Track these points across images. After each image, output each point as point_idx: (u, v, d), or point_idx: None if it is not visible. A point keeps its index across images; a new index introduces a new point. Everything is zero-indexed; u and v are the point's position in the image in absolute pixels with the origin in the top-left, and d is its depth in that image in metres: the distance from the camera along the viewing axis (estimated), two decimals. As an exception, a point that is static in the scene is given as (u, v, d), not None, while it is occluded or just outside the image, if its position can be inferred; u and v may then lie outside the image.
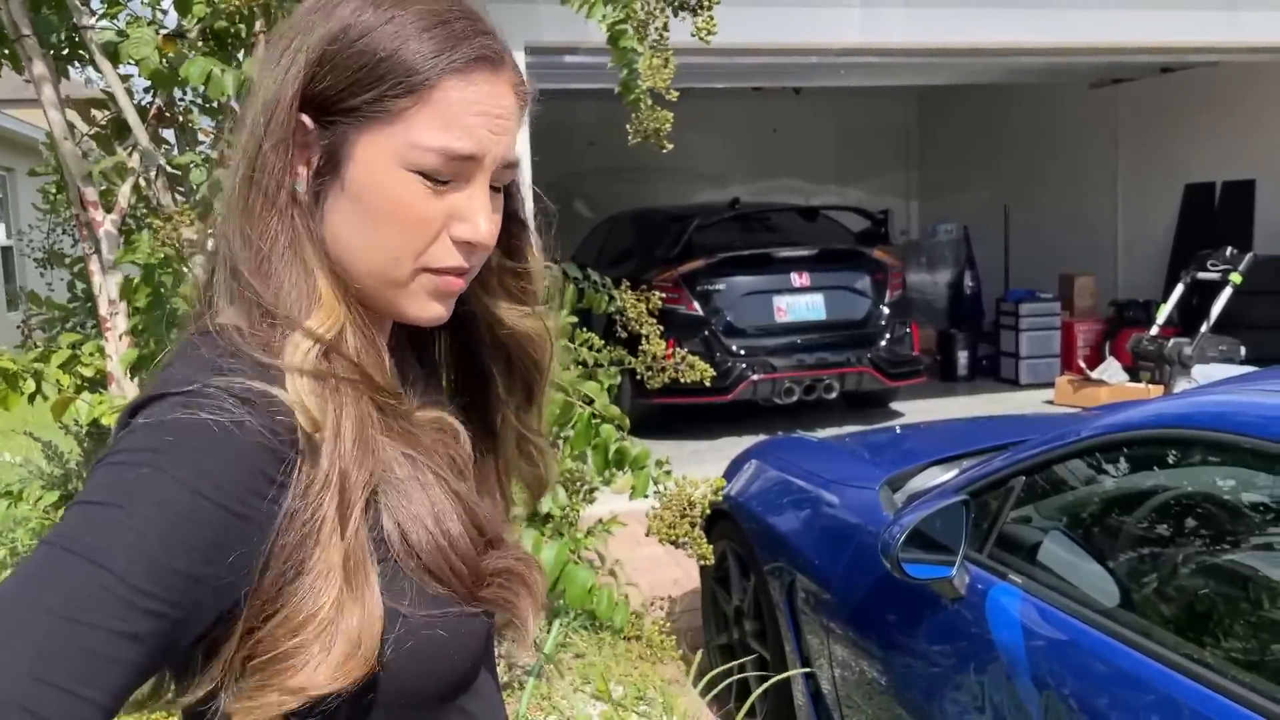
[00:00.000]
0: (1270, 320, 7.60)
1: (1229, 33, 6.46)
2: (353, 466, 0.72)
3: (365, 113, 0.74)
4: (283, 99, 0.75)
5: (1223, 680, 1.50)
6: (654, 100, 2.28)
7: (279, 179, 0.75)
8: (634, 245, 7.78)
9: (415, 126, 0.74)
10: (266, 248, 0.75)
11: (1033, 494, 2.09)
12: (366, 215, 0.75)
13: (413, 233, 0.75)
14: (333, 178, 0.75)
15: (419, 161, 0.74)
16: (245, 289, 0.75)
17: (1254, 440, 1.64)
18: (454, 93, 0.74)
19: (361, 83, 0.74)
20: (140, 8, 2.27)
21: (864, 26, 5.85)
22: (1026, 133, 10.75)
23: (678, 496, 1.87)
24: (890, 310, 7.18)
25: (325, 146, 0.75)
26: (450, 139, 0.74)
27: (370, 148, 0.74)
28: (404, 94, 0.73)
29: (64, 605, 0.60)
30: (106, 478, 0.66)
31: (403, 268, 0.76)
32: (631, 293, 2.68)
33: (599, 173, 10.30)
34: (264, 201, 0.75)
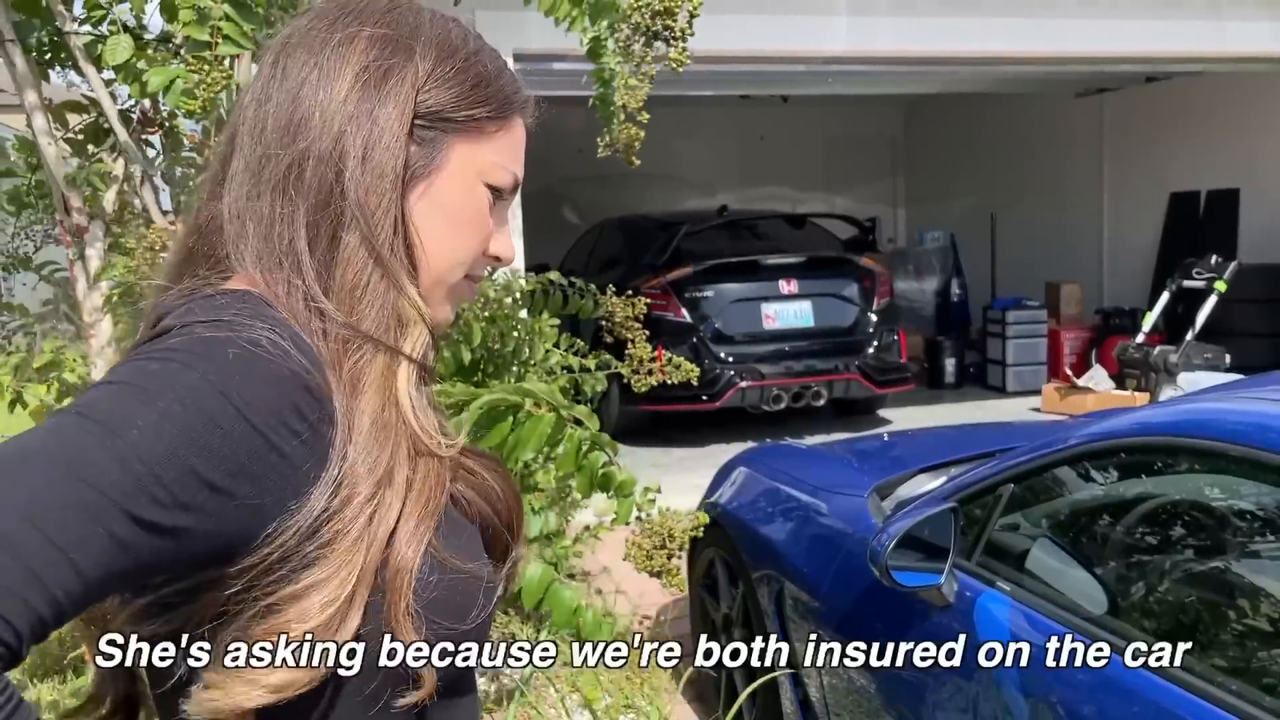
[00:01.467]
0: (1255, 328, 7.64)
1: (1212, 43, 6.51)
2: (410, 524, 0.72)
3: (465, 125, 0.79)
4: (401, 92, 0.77)
5: (1210, 687, 1.50)
6: (626, 116, 2.29)
7: (395, 173, 0.76)
8: (622, 252, 7.79)
9: (499, 147, 0.81)
10: (369, 238, 0.75)
11: (1021, 501, 2.09)
12: (450, 220, 0.80)
13: (479, 240, 0.82)
14: (422, 180, 0.78)
15: (498, 179, 0.81)
16: (321, 268, 0.75)
17: (1239, 448, 1.64)
18: (518, 129, 0.84)
19: (470, 99, 0.80)
20: (123, 13, 2.25)
21: (850, 35, 5.87)
22: (1013, 141, 10.80)
23: (659, 526, 1.86)
24: (878, 317, 7.19)
25: (421, 151, 0.78)
26: (516, 165, 0.84)
27: (464, 159, 0.80)
28: (497, 116, 0.81)
29: (71, 462, 0.58)
30: (131, 368, 0.64)
31: (459, 271, 0.82)
32: (617, 298, 2.68)
33: (587, 180, 10.30)
34: (376, 194, 0.76)
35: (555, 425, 1.53)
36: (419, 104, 0.78)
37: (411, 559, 0.71)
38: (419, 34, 0.80)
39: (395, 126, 0.77)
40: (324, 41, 0.79)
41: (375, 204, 0.76)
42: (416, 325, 0.77)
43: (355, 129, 0.76)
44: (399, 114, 0.77)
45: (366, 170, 0.76)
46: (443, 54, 0.80)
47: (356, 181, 0.75)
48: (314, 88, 0.77)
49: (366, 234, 0.75)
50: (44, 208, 2.77)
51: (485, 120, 0.80)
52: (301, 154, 0.76)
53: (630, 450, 6.71)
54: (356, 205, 0.75)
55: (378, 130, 0.76)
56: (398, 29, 0.79)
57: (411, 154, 0.78)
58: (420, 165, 0.78)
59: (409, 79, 0.78)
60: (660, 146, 2.36)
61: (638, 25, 2.28)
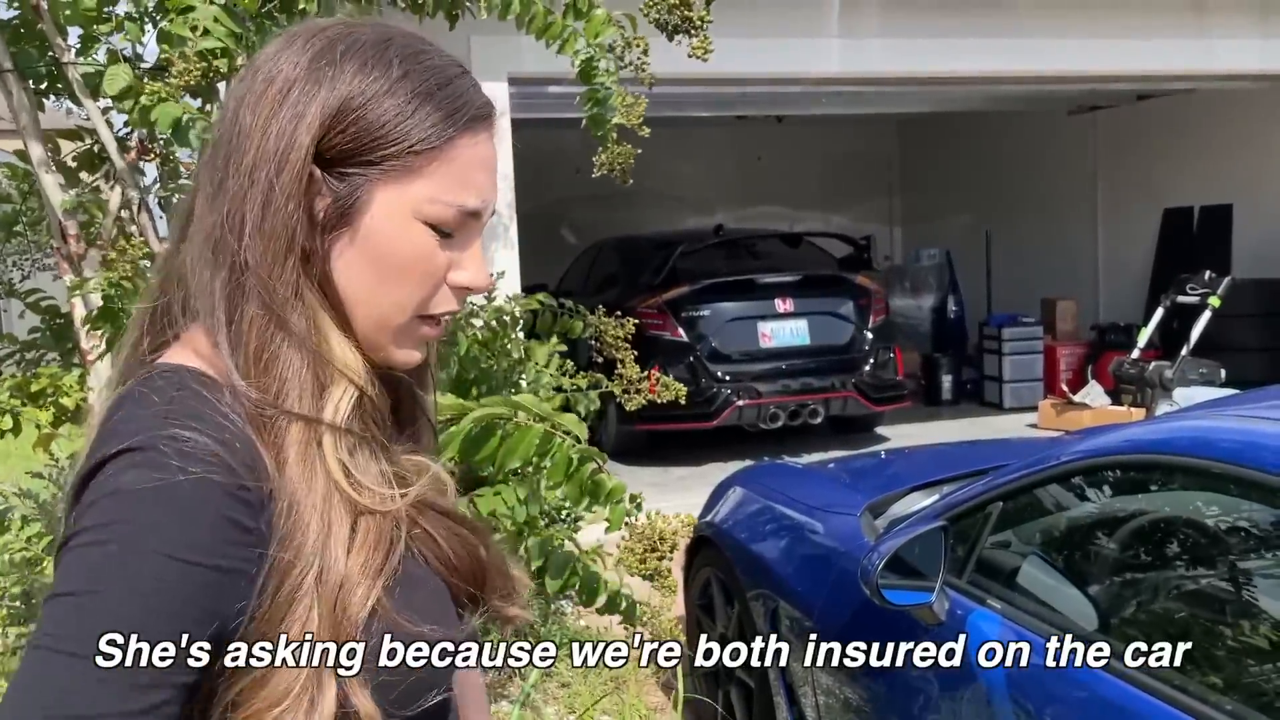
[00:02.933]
0: (1250, 343, 7.67)
1: (1202, 61, 6.56)
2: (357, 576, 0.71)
3: (384, 166, 0.74)
4: (294, 152, 0.73)
5: (1200, 705, 1.50)
6: (622, 135, 2.32)
7: (289, 237, 0.73)
8: (619, 272, 7.82)
9: (433, 182, 0.75)
10: (283, 289, 0.73)
11: (1011, 519, 2.10)
12: (378, 266, 0.75)
13: (422, 283, 0.77)
14: (342, 229, 0.75)
15: (436, 216, 0.75)
16: (234, 340, 0.73)
17: (1228, 466, 1.66)
18: (465, 151, 0.76)
19: (383, 140, 0.74)
20: (120, 41, 2.28)
21: (843, 57, 5.92)
22: (1007, 159, 10.86)
23: (649, 530, 1.88)
24: (874, 335, 7.21)
25: (336, 199, 0.74)
26: (465, 196, 0.76)
27: (388, 201, 0.75)
28: (424, 151, 0.75)
29: (61, 705, 0.60)
30: (75, 564, 0.64)
31: (404, 316, 0.77)
32: (607, 319, 2.70)
33: (584, 200, 10.34)
34: (269, 261, 0.73)
35: (543, 437, 1.55)
36: (323, 149, 0.74)
37: (356, 621, 0.70)
38: (331, 67, 0.75)
39: (289, 184, 0.73)
40: (251, 83, 0.76)
41: (269, 271, 0.73)
42: (338, 385, 0.74)
43: (254, 189, 0.73)
44: (293, 169, 0.73)
45: (261, 234, 0.73)
46: (352, 89, 0.74)
47: (252, 249, 0.73)
48: (236, 139, 0.75)
49: (266, 301, 0.73)
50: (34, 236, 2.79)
51: (408, 155, 0.75)
52: (219, 218, 0.74)
53: (628, 470, 6.73)
54: (255, 274, 0.73)
55: (273, 190, 0.73)
56: (315, 62, 0.75)
57: (322, 206, 0.74)
58: (336, 215, 0.75)
59: (309, 124, 0.73)
60: (657, 167, 2.39)
61: (657, 21, 2.30)
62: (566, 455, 1.58)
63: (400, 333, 0.78)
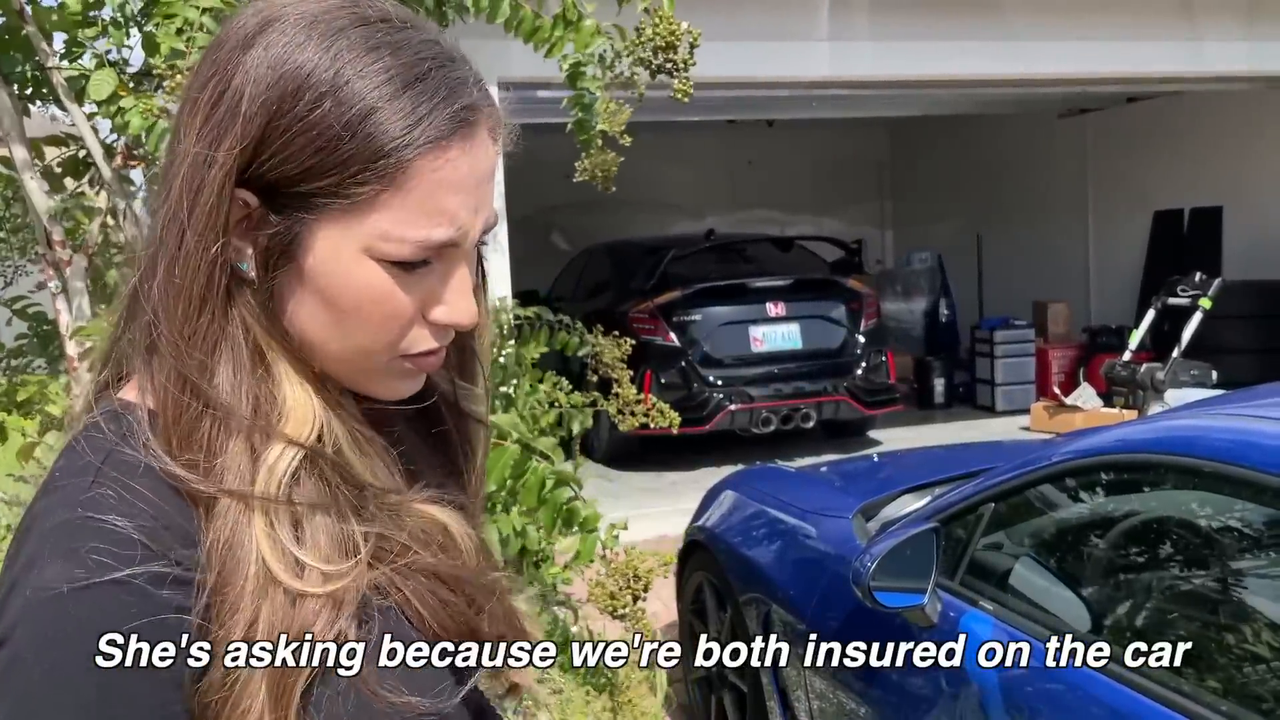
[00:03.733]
0: (1241, 344, 7.69)
1: (1190, 63, 6.58)
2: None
3: (322, 198, 0.62)
4: (210, 180, 0.62)
5: (1193, 705, 1.50)
6: (607, 143, 2.31)
7: (202, 287, 0.63)
8: (610, 277, 7.81)
9: (386, 215, 0.63)
10: (200, 344, 0.64)
11: (1003, 520, 2.09)
12: (331, 309, 0.65)
13: (386, 325, 0.66)
14: (287, 265, 0.64)
15: (391, 253, 0.64)
16: (170, 380, 0.64)
17: (1220, 465, 1.65)
18: (430, 172, 0.63)
19: (318, 168, 0.62)
20: (104, 46, 2.27)
21: (833, 60, 5.92)
22: (997, 162, 10.88)
23: (624, 568, 1.84)
24: (866, 339, 7.21)
25: (274, 232, 0.64)
26: (429, 228, 0.64)
27: (330, 239, 0.63)
28: (372, 179, 0.62)
29: None
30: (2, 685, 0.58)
31: (376, 359, 0.68)
32: (605, 337, 2.68)
33: (575, 206, 10.33)
34: (179, 319, 0.63)
35: (519, 458, 1.52)
36: (255, 176, 0.63)
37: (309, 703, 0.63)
38: (253, 75, 0.62)
39: (200, 223, 0.62)
40: (187, 93, 0.66)
41: (179, 330, 0.63)
42: (275, 448, 0.64)
43: (169, 229, 0.64)
44: (205, 207, 0.62)
45: (170, 287, 0.64)
46: (280, 104, 0.62)
47: (162, 304, 0.64)
48: (166, 163, 0.65)
49: (177, 367, 0.63)
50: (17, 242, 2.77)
51: (352, 187, 0.62)
52: (141, 260, 0.66)
53: (620, 474, 6.71)
54: (164, 334, 0.64)
55: (184, 234, 0.63)
56: (238, 56, 0.63)
57: (264, 237, 0.64)
58: (278, 251, 0.64)
59: (228, 148, 0.62)
60: (648, 172, 2.38)
61: (641, 60, 2.30)
62: (541, 478, 1.55)
63: (378, 373, 0.69)
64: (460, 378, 0.80)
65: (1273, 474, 1.53)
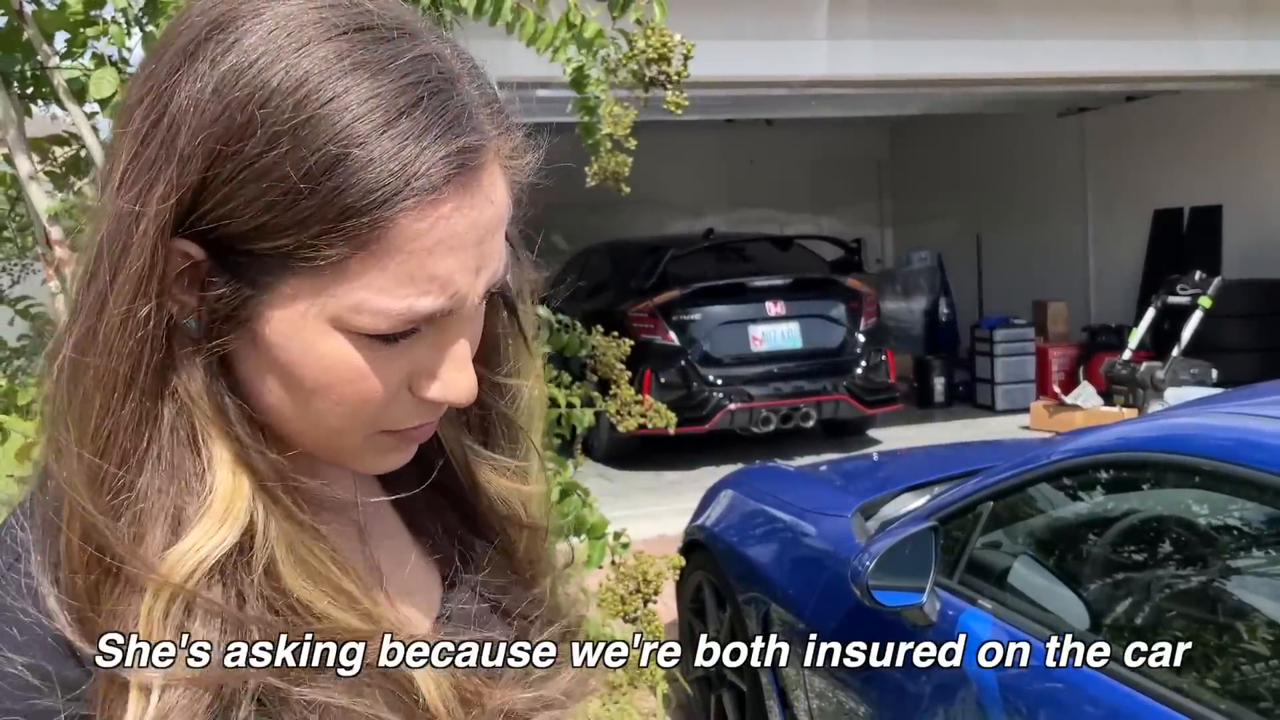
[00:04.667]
0: (1240, 343, 7.69)
1: (1189, 62, 6.59)
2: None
3: (279, 260, 0.50)
4: (139, 236, 0.50)
5: (1191, 703, 1.50)
6: (614, 145, 2.31)
7: (136, 353, 0.51)
8: (610, 277, 7.81)
9: (360, 284, 0.50)
10: (120, 441, 0.52)
11: (1002, 519, 2.10)
12: (294, 388, 0.53)
13: (359, 405, 0.54)
14: (238, 333, 0.52)
15: (367, 327, 0.51)
16: (78, 493, 0.52)
17: (1220, 463, 1.65)
18: (417, 232, 0.50)
19: (270, 226, 0.49)
20: (105, 45, 2.27)
21: (831, 59, 5.93)
22: (997, 162, 10.89)
23: (633, 571, 1.84)
24: (866, 338, 7.22)
25: (222, 293, 0.51)
26: (414, 298, 0.51)
27: (290, 307, 0.51)
28: (339, 242, 0.49)
29: None
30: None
31: (352, 437, 0.56)
32: (604, 337, 2.68)
33: (574, 206, 10.33)
34: (112, 386, 0.51)
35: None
36: (196, 226, 0.50)
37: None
38: (194, 101, 0.49)
39: (136, 281, 0.50)
40: (118, 119, 0.54)
41: (96, 423, 0.51)
42: (188, 538, 0.52)
43: (89, 289, 0.52)
44: (144, 259, 0.50)
45: (81, 369, 0.52)
46: (225, 142, 0.49)
47: (68, 389, 0.53)
48: (98, 206, 0.53)
49: (84, 476, 0.52)
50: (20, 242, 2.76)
51: (313, 250, 0.49)
52: (65, 321, 0.54)
53: (620, 474, 6.71)
54: (73, 433, 0.52)
55: (105, 301, 0.51)
56: (176, 78, 0.50)
57: (210, 299, 0.51)
58: (226, 312, 0.52)
59: (159, 196, 0.49)
60: (647, 171, 2.37)
61: (634, 72, 2.30)
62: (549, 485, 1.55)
63: (356, 451, 0.58)
64: (485, 445, 0.68)
65: (1272, 473, 1.53)
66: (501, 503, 0.68)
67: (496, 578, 0.68)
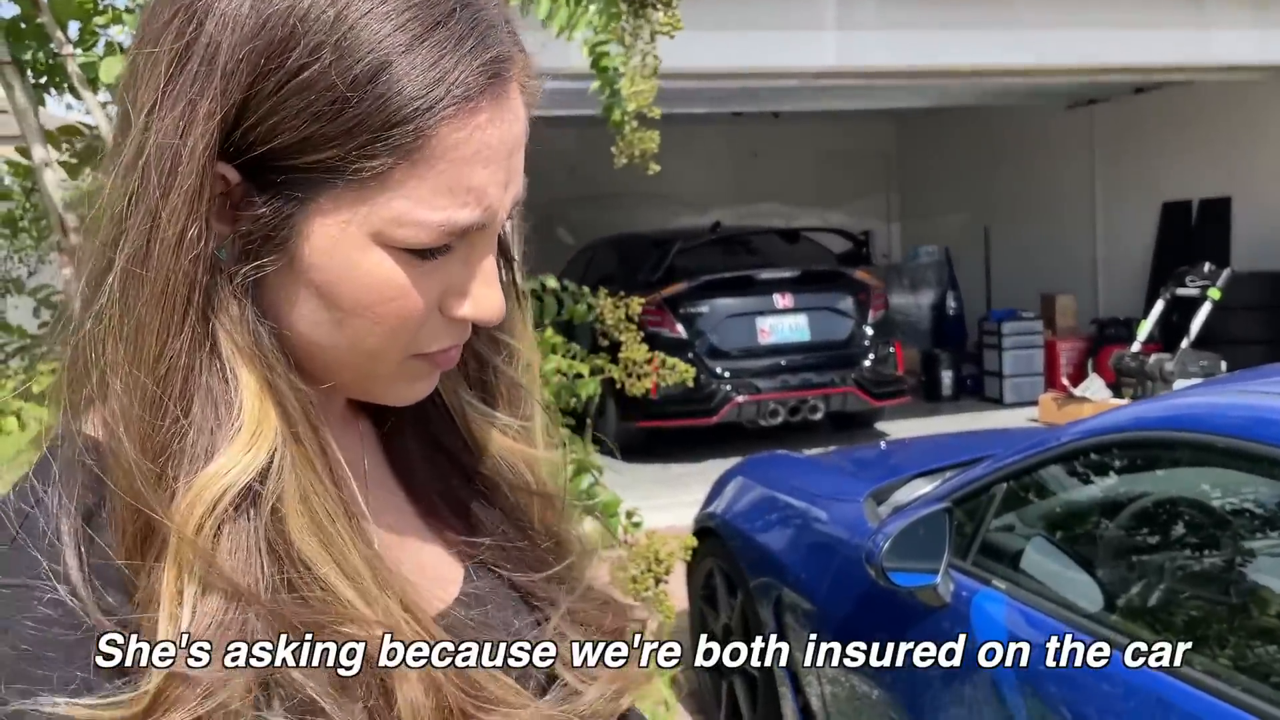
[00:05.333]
0: (1250, 335, 7.66)
1: (1200, 53, 6.57)
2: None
3: (321, 175, 0.51)
4: (188, 152, 0.49)
5: (1209, 680, 1.50)
6: (639, 121, 2.30)
7: (191, 274, 0.50)
8: (616, 270, 7.81)
9: (401, 194, 0.51)
10: (175, 368, 0.51)
11: (1015, 500, 2.10)
12: (332, 308, 0.54)
13: (399, 324, 0.55)
14: (276, 254, 0.52)
15: (407, 240, 0.52)
16: (125, 394, 0.51)
17: (1234, 441, 1.65)
18: (456, 142, 0.51)
19: (316, 138, 0.50)
20: (117, 34, 2.27)
21: (839, 50, 5.92)
22: (1005, 155, 10.86)
23: (646, 550, 1.85)
24: (873, 330, 7.21)
25: (259, 215, 0.52)
26: (453, 209, 0.52)
27: (330, 224, 0.52)
28: (384, 152, 0.50)
29: None
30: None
31: (387, 362, 0.57)
32: (606, 299, 2.68)
33: (580, 200, 10.33)
34: (172, 308, 0.50)
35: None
36: (235, 146, 0.50)
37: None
38: (230, 18, 0.49)
39: (188, 199, 0.50)
40: (141, 41, 0.52)
41: (154, 347, 0.50)
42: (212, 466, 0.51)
43: (133, 210, 0.50)
44: (194, 178, 0.50)
45: (136, 290, 0.51)
46: (268, 56, 0.49)
47: (124, 306, 0.51)
48: (120, 132, 0.53)
49: (138, 402, 0.50)
50: (38, 231, 2.77)
51: (359, 161, 0.50)
52: (91, 248, 0.53)
53: (628, 467, 6.71)
54: (126, 357, 0.51)
55: (157, 217, 0.50)
56: (200, 8, 0.50)
57: (248, 221, 0.52)
58: (262, 238, 0.52)
59: (208, 112, 0.49)
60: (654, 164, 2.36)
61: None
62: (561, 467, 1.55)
63: (389, 378, 0.58)
64: (484, 401, 0.67)
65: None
66: (507, 466, 0.67)
67: (511, 553, 0.66)
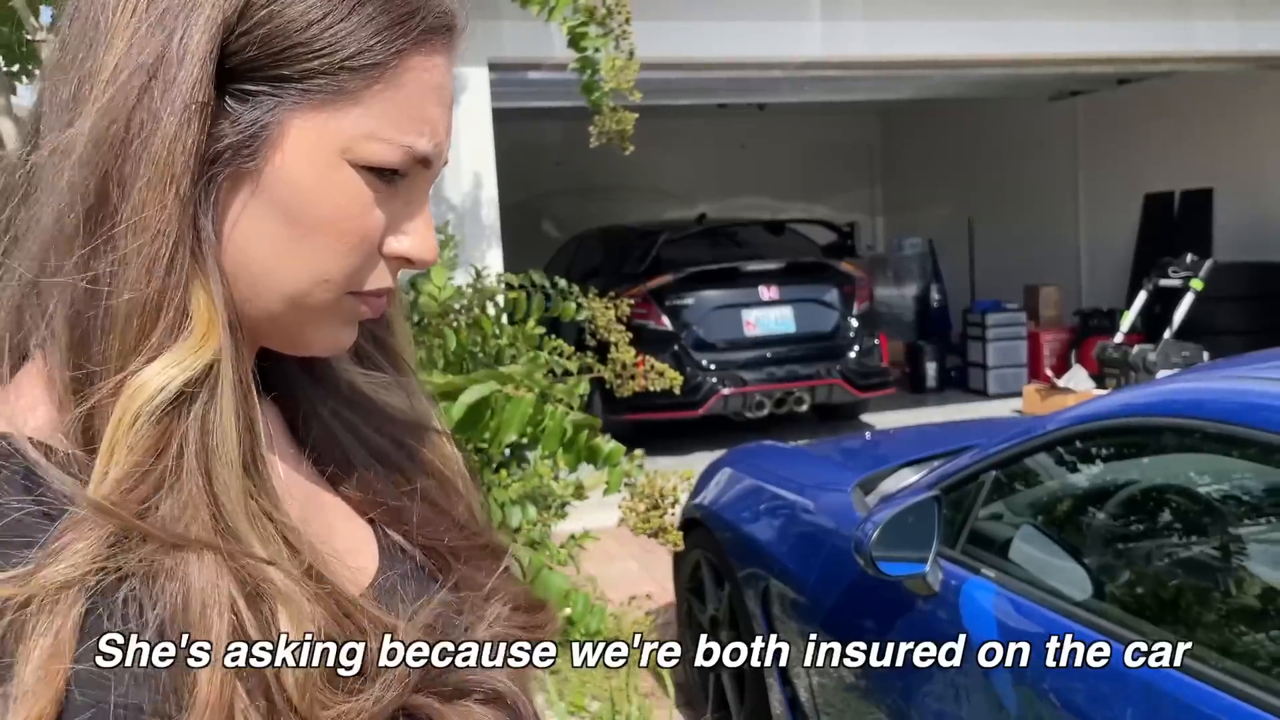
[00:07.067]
0: (1232, 325, 7.71)
1: (1181, 43, 6.59)
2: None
3: (306, 85, 0.53)
4: (187, 54, 0.50)
5: (1198, 666, 1.49)
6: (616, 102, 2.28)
7: (176, 164, 0.50)
8: (602, 262, 7.79)
9: (374, 112, 0.54)
10: (161, 222, 0.50)
11: (1004, 488, 2.09)
12: (295, 222, 0.54)
13: (353, 247, 0.56)
14: (244, 167, 0.53)
15: (375, 158, 0.55)
16: (62, 308, 0.51)
17: (1224, 426, 1.65)
18: (419, 73, 0.56)
19: (306, 49, 0.52)
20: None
21: (825, 40, 5.91)
22: (988, 147, 10.89)
23: (649, 488, 1.87)
24: (858, 322, 7.21)
25: (234, 122, 0.52)
26: (415, 134, 0.56)
27: (308, 133, 0.53)
28: (364, 68, 0.53)
29: None
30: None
31: (331, 290, 0.57)
32: (598, 301, 2.67)
33: (565, 192, 10.32)
34: (175, 185, 0.50)
35: (536, 406, 1.53)
36: (228, 47, 0.51)
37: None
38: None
39: (181, 106, 0.50)
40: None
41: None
42: (156, 364, 0.50)
43: (131, 115, 0.50)
44: (186, 86, 0.50)
45: (145, 167, 0.50)
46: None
47: (129, 221, 0.50)
48: (91, 49, 0.52)
49: (149, 282, 0.50)
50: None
51: (340, 73, 0.53)
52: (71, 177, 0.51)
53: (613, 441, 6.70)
54: (129, 256, 0.50)
55: (158, 119, 0.50)
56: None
57: (218, 137, 0.52)
58: (233, 150, 0.52)
59: (208, 18, 0.51)
60: (638, 156, 2.35)
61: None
62: (560, 424, 1.56)
63: (325, 314, 0.58)
64: (372, 366, 0.69)
65: (1275, 433, 1.53)
66: (406, 431, 0.69)
67: (406, 513, 0.67)
